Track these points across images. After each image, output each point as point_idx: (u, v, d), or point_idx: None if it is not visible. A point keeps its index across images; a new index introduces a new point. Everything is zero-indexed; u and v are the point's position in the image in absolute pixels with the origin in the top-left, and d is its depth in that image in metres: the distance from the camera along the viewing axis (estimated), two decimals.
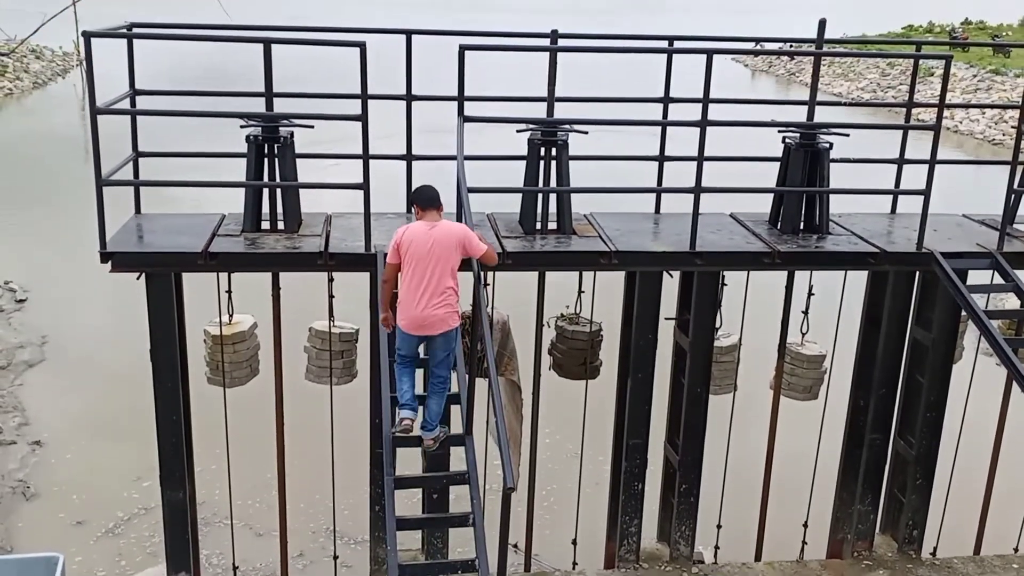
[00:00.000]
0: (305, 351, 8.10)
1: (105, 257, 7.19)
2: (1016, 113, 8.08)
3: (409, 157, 8.30)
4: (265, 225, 7.80)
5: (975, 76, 41.55)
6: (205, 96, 8.56)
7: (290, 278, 7.79)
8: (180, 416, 7.73)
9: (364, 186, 7.28)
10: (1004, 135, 33.29)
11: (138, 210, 8.19)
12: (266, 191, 7.77)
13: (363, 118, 7.13)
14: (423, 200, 6.52)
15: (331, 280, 7.80)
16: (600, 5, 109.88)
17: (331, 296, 7.88)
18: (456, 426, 7.01)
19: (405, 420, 6.46)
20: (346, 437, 8.35)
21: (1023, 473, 9.42)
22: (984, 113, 36.31)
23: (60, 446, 12.15)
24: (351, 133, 7.19)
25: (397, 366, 6.59)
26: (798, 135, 8.25)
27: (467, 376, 6.80)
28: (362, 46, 6.96)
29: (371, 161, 7.31)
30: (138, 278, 7.35)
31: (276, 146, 7.63)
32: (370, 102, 7.18)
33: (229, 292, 7.73)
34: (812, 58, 8.88)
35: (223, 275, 7.65)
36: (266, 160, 7.67)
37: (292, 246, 7.49)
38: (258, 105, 7.82)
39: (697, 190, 7.69)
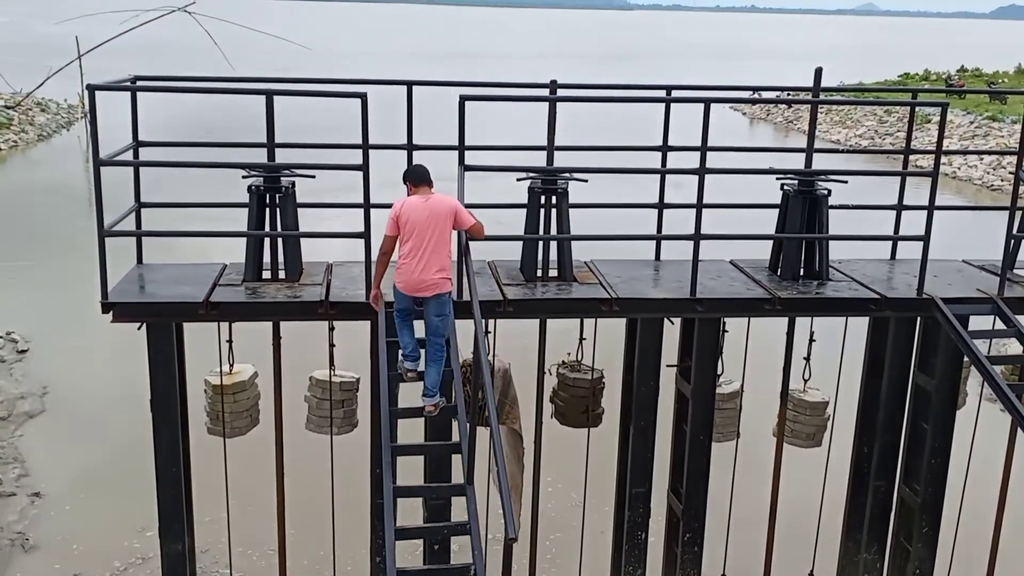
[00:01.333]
0: (306, 400, 8.08)
1: (106, 307, 7.20)
2: (1014, 159, 8.12)
3: None
4: (266, 274, 7.82)
5: (972, 123, 41.85)
6: (207, 147, 8.63)
7: (291, 327, 7.80)
8: (180, 467, 7.68)
9: (365, 235, 7.31)
10: (1003, 180, 33.46)
11: (140, 260, 8.22)
12: (267, 240, 7.80)
13: (364, 168, 7.18)
14: (415, 177, 6.98)
15: (332, 329, 7.80)
16: (597, 51, 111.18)
17: (332, 345, 7.87)
18: (457, 475, 6.96)
19: (410, 371, 6.98)
20: (346, 487, 8.29)
21: None
22: (982, 159, 36.54)
23: (60, 498, 12.07)
24: (352, 181, 7.25)
25: (397, 320, 7.01)
26: (796, 182, 8.29)
27: (468, 425, 6.77)
28: (363, 97, 7.04)
29: (372, 210, 7.35)
30: (139, 328, 7.36)
31: (278, 196, 7.68)
32: (371, 151, 7.24)
33: (230, 341, 7.73)
34: (809, 106, 8.96)
35: (224, 324, 7.66)
36: (267, 210, 7.72)
37: (293, 295, 7.51)
38: (260, 155, 7.89)
39: (697, 237, 7.72)
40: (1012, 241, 8.20)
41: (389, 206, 8.26)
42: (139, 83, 7.78)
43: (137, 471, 9.45)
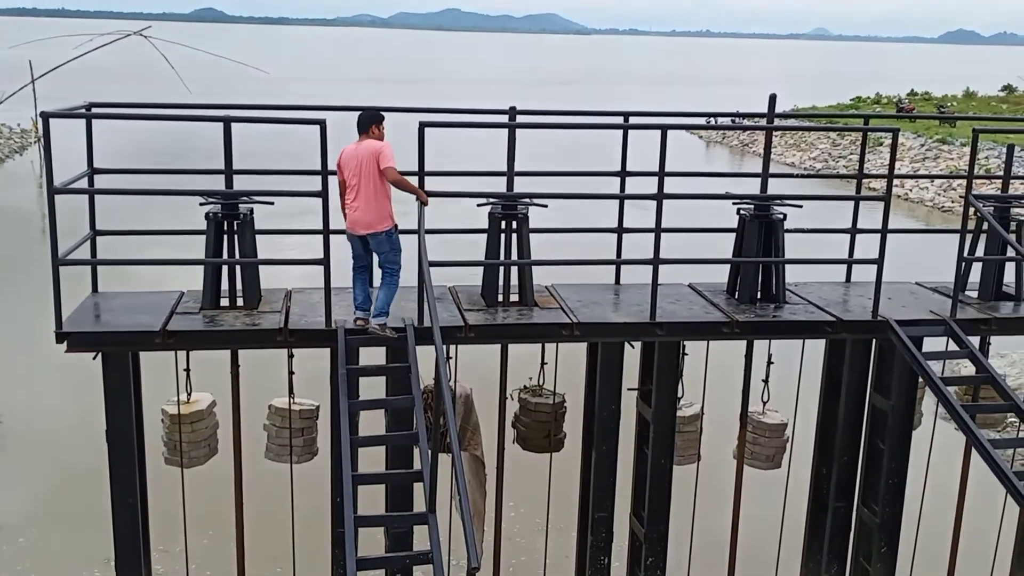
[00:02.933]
0: (265, 429, 7.99)
1: (61, 337, 7.09)
2: (964, 182, 8.30)
3: None
4: (224, 302, 7.75)
5: (923, 145, 42.70)
6: (164, 174, 8.56)
7: (250, 355, 7.72)
8: (136, 498, 7.55)
9: (324, 261, 7.28)
10: (953, 202, 34.13)
11: (95, 288, 8.10)
12: (225, 267, 7.74)
13: (323, 194, 7.17)
14: (358, 125, 7.45)
15: (291, 356, 7.74)
16: (556, 76, 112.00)
17: (291, 372, 7.81)
18: (419, 503, 6.91)
19: (359, 319, 7.39)
20: (307, 517, 8.20)
21: (987, 538, 9.44)
22: (933, 181, 37.26)
23: (14, 529, 11.79)
24: (312, 206, 7.22)
25: (353, 272, 7.51)
26: (752, 207, 8.40)
27: (429, 452, 6.73)
28: (322, 123, 7.04)
29: (331, 236, 7.33)
30: (94, 358, 7.25)
31: (235, 223, 7.62)
32: (330, 177, 7.22)
33: (188, 370, 7.63)
34: (763, 129, 9.10)
35: (181, 353, 7.57)
36: (225, 237, 7.66)
37: (251, 323, 7.44)
38: (218, 181, 7.83)
39: (656, 261, 7.79)
40: (963, 264, 8.36)
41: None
42: (94, 110, 7.70)
43: (93, 502, 9.28)
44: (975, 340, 8.31)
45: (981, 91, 64.55)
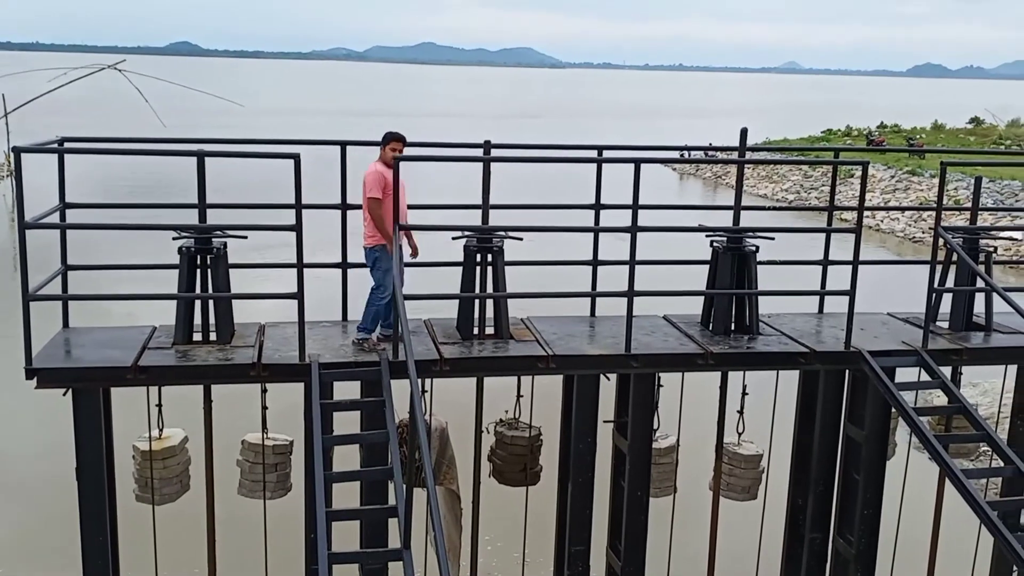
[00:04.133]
0: (238, 465, 7.91)
1: (31, 373, 7.01)
2: (934, 213, 8.41)
3: (344, 265, 8.34)
4: (197, 336, 7.70)
5: (893, 177, 43.21)
6: (137, 208, 8.51)
7: (223, 390, 7.65)
8: (107, 536, 7.44)
9: (298, 295, 7.26)
10: (923, 232, 34.50)
11: (66, 324, 8.02)
12: (198, 302, 7.69)
13: (297, 228, 7.15)
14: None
15: (264, 391, 7.68)
16: (531, 109, 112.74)
17: (264, 408, 7.75)
18: (394, 539, 6.85)
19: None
20: (280, 553, 8.10)
21: (962, 568, 9.47)
22: (904, 212, 37.68)
23: None
24: (285, 240, 7.20)
25: None
26: (725, 239, 8.47)
27: (404, 487, 6.69)
28: (296, 157, 7.04)
29: (305, 269, 7.31)
30: (64, 394, 7.16)
31: (209, 257, 7.59)
32: (305, 211, 7.22)
33: (159, 406, 7.56)
34: (735, 163, 9.19)
35: (153, 389, 7.49)
36: (198, 271, 7.62)
37: (224, 358, 7.39)
38: (191, 215, 7.80)
39: (630, 294, 7.82)
40: (934, 295, 8.45)
41: (322, 266, 8.32)
42: (66, 144, 7.66)
43: (63, 540, 9.13)
44: (947, 370, 8.38)
45: (949, 123, 65.46)
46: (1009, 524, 7.37)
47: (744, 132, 8.64)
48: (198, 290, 7.64)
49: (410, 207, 7.82)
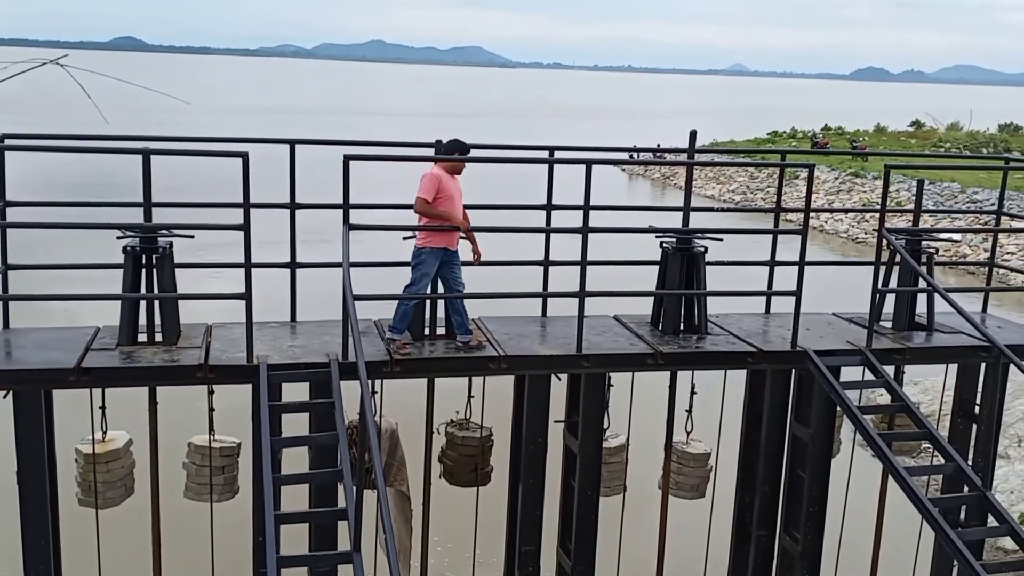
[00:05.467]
0: (184, 467, 7.79)
1: None
2: (877, 214, 8.57)
3: (293, 265, 8.26)
4: (142, 337, 7.56)
5: (837, 178, 43.97)
6: (80, 207, 8.34)
7: (169, 391, 7.53)
8: (49, 542, 7.28)
9: (247, 295, 7.16)
10: (866, 233, 35.17)
11: (6, 325, 7.84)
12: (143, 302, 7.56)
13: (245, 227, 7.06)
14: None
15: (211, 393, 7.57)
16: (481, 109, 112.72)
17: (211, 409, 7.64)
18: (343, 542, 6.80)
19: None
20: (227, 557, 7.99)
21: (904, 562, 9.66)
22: (847, 213, 38.36)
23: None
24: (233, 238, 7.11)
25: None
26: (675, 240, 8.54)
27: (354, 489, 6.63)
28: (244, 156, 6.95)
29: (254, 270, 7.22)
30: (4, 396, 6.99)
31: (154, 256, 7.46)
32: (253, 210, 7.13)
33: (103, 408, 7.42)
34: (684, 164, 9.27)
35: (96, 391, 7.35)
36: (143, 271, 7.49)
37: (170, 359, 7.27)
38: (136, 214, 7.67)
39: (582, 294, 7.85)
40: (878, 295, 8.61)
41: (271, 266, 8.23)
42: (6, 141, 7.48)
43: (3, 546, 8.92)
44: (890, 369, 8.54)
45: (891, 126, 66.81)
46: (950, 520, 7.54)
47: (693, 134, 8.72)
48: (143, 290, 7.50)
49: (357, 207, 7.74)
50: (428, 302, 8.07)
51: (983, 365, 8.90)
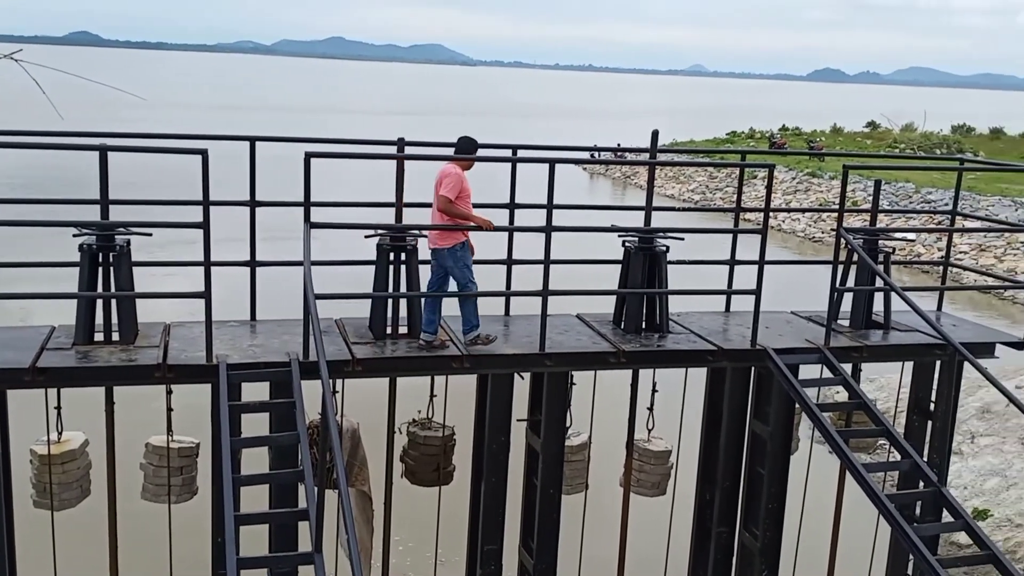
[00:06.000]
0: (141, 468, 7.69)
1: None
2: (834, 213, 8.67)
3: (253, 263, 8.17)
4: (99, 337, 7.44)
5: (794, 178, 44.48)
6: (36, 204, 8.20)
7: (125, 391, 7.42)
8: (3, 544, 7.15)
9: (206, 294, 7.08)
10: (823, 233, 35.61)
11: None
12: (100, 301, 7.44)
13: (205, 225, 6.98)
14: (455, 150, 8.01)
15: (170, 393, 7.48)
16: (443, 107, 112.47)
17: (170, 409, 7.54)
18: (304, 542, 6.74)
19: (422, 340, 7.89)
20: (186, 559, 7.90)
21: (862, 557, 9.79)
22: (804, 212, 38.82)
23: None
24: (192, 236, 7.02)
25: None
26: (637, 239, 8.58)
27: (316, 489, 6.58)
28: (204, 153, 6.87)
29: (213, 268, 7.14)
30: None
31: (111, 255, 7.35)
32: (212, 208, 7.05)
33: (59, 408, 7.29)
34: (647, 164, 9.31)
35: (52, 391, 7.22)
36: (100, 269, 7.37)
37: (128, 359, 7.16)
38: (93, 212, 7.55)
39: (545, 293, 7.86)
40: (835, 294, 8.71)
41: (230, 264, 8.13)
42: None
43: None
44: (848, 367, 8.65)
45: (847, 127, 67.72)
46: (906, 515, 7.65)
47: (655, 134, 8.76)
48: (100, 289, 7.39)
49: (318, 204, 7.69)
50: (390, 300, 8.02)
51: (938, 363, 9.06)
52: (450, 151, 8.17)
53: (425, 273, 8.10)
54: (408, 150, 8.41)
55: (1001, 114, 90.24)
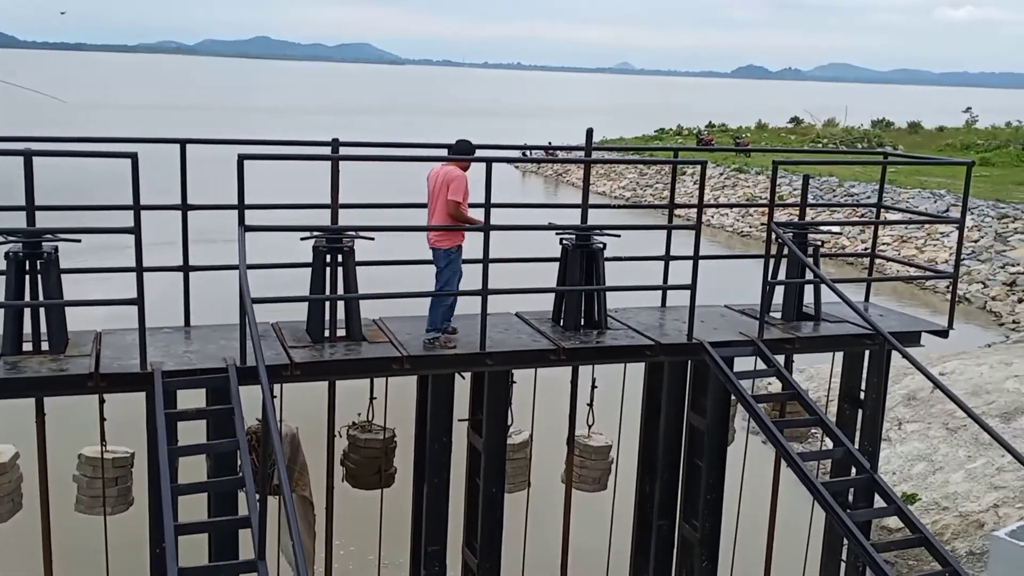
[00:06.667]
0: (75, 480, 7.50)
1: None
2: (761, 208, 8.85)
3: (186, 268, 8.03)
4: (28, 347, 7.25)
5: (722, 174, 45.19)
6: None
7: (56, 402, 7.24)
8: None
9: (139, 300, 6.94)
10: (751, 227, 36.23)
11: None
12: (28, 310, 7.24)
13: (136, 230, 6.84)
14: (450, 151, 8.04)
15: (103, 402, 7.31)
16: (373, 107, 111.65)
17: (103, 419, 7.37)
18: (245, 550, 6.65)
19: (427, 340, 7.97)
20: (123, 571, 7.73)
21: (798, 543, 10.00)
22: (733, 208, 39.50)
23: None
24: (122, 242, 6.87)
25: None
26: (574, 237, 8.64)
27: (257, 496, 6.51)
28: (134, 157, 6.73)
29: (145, 273, 7.00)
30: None
31: (39, 262, 7.16)
32: (143, 212, 6.91)
33: None
34: (583, 163, 9.38)
35: None
36: (27, 277, 7.18)
37: (58, 368, 6.98)
38: (18, 219, 7.34)
39: (484, 292, 7.87)
40: (768, 287, 8.89)
41: (163, 269, 7.97)
42: None
43: None
44: (781, 358, 8.82)
45: (772, 123, 69.05)
46: (840, 502, 7.83)
47: (590, 132, 8.84)
48: (28, 297, 7.19)
49: (252, 207, 7.58)
50: (327, 303, 7.95)
51: (867, 352, 9.29)
52: (385, 151, 8.14)
53: (362, 274, 8.04)
54: (343, 151, 8.34)
55: (918, 109, 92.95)
